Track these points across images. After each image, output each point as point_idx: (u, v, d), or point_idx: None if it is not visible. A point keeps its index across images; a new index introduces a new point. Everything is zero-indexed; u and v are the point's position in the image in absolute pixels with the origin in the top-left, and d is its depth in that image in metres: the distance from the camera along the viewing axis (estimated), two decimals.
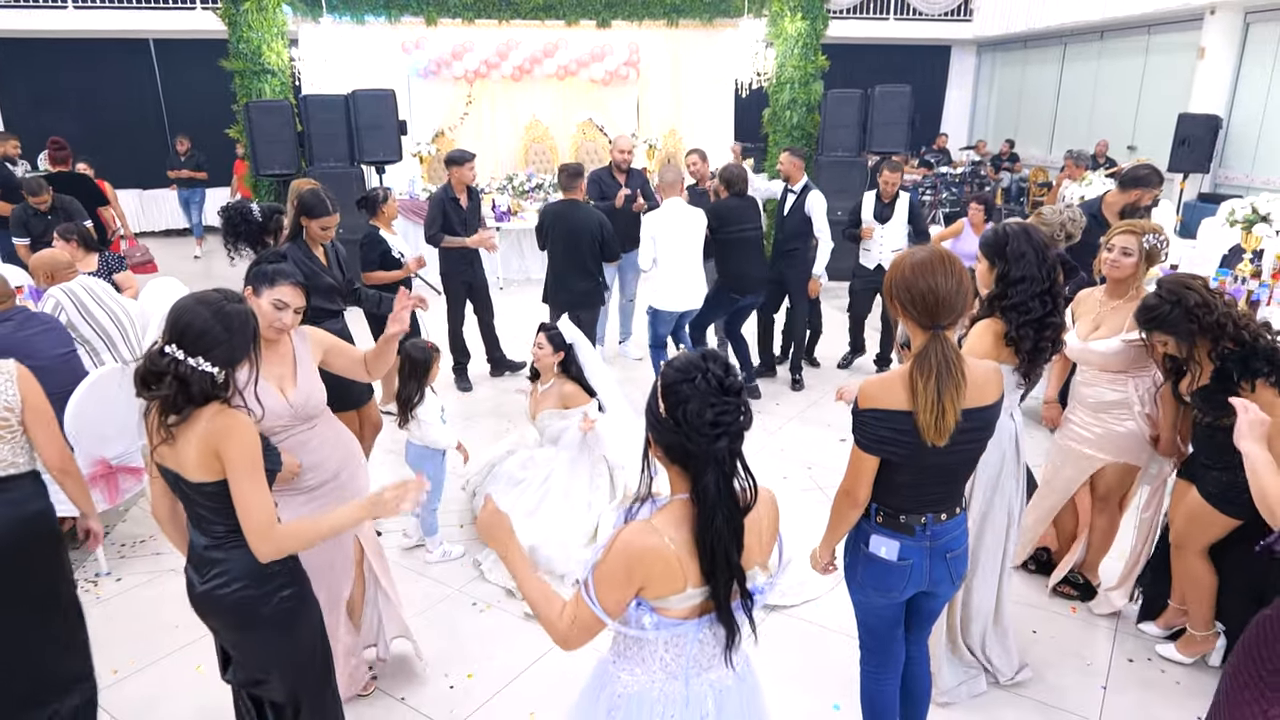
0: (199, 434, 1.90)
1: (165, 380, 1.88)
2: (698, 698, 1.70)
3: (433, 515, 3.85)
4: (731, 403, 1.56)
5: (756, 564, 1.68)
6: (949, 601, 2.86)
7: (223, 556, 2.02)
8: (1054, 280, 2.60)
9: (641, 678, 1.71)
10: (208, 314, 1.91)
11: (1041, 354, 2.62)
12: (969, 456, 2.17)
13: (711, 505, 1.56)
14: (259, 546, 1.95)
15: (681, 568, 1.58)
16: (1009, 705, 2.99)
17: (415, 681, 3.06)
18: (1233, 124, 10.41)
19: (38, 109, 12.06)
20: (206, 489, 1.95)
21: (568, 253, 5.35)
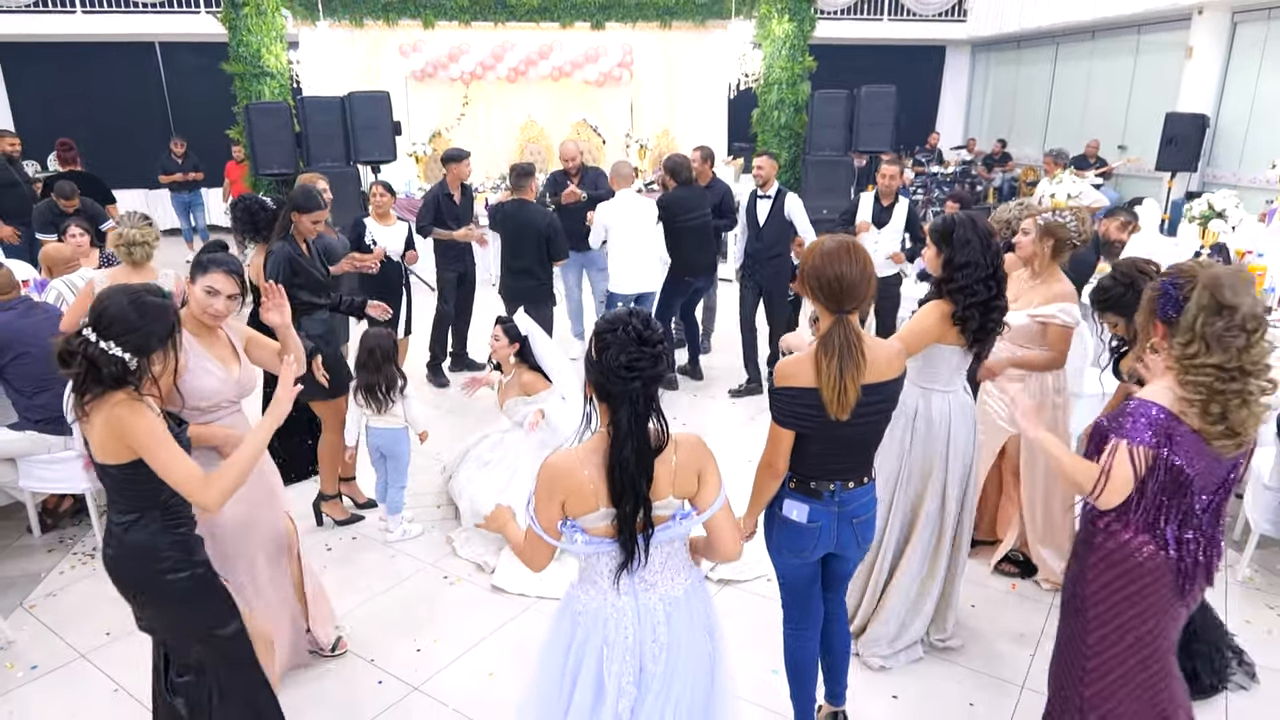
0: (103, 419, 2.03)
1: (76, 359, 2.00)
2: (648, 610, 1.93)
3: (400, 494, 4.07)
4: (646, 352, 1.81)
5: (670, 495, 1.90)
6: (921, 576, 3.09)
7: (120, 533, 2.17)
8: (998, 266, 2.76)
9: (596, 596, 1.96)
10: (125, 301, 2.04)
11: (988, 334, 2.79)
12: (873, 429, 2.36)
13: (623, 436, 1.81)
14: (201, 499, 2.08)
15: (593, 489, 1.83)
16: (942, 671, 3.17)
17: (384, 644, 3.28)
18: (1220, 123, 10.52)
19: (47, 110, 12.36)
20: (110, 470, 2.09)
21: (515, 251, 5.55)
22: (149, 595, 2.23)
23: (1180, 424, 2.05)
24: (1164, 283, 2.11)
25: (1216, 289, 1.99)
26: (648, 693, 1.94)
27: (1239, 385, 1.99)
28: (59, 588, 3.68)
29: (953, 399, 2.96)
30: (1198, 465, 2.07)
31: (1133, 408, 2.08)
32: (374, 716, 2.92)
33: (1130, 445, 2.04)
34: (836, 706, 2.78)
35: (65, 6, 11.61)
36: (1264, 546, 3.82)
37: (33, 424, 3.79)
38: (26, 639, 3.32)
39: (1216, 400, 2.00)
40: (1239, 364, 1.99)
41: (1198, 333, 2.00)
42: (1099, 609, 2.23)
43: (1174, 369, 2.07)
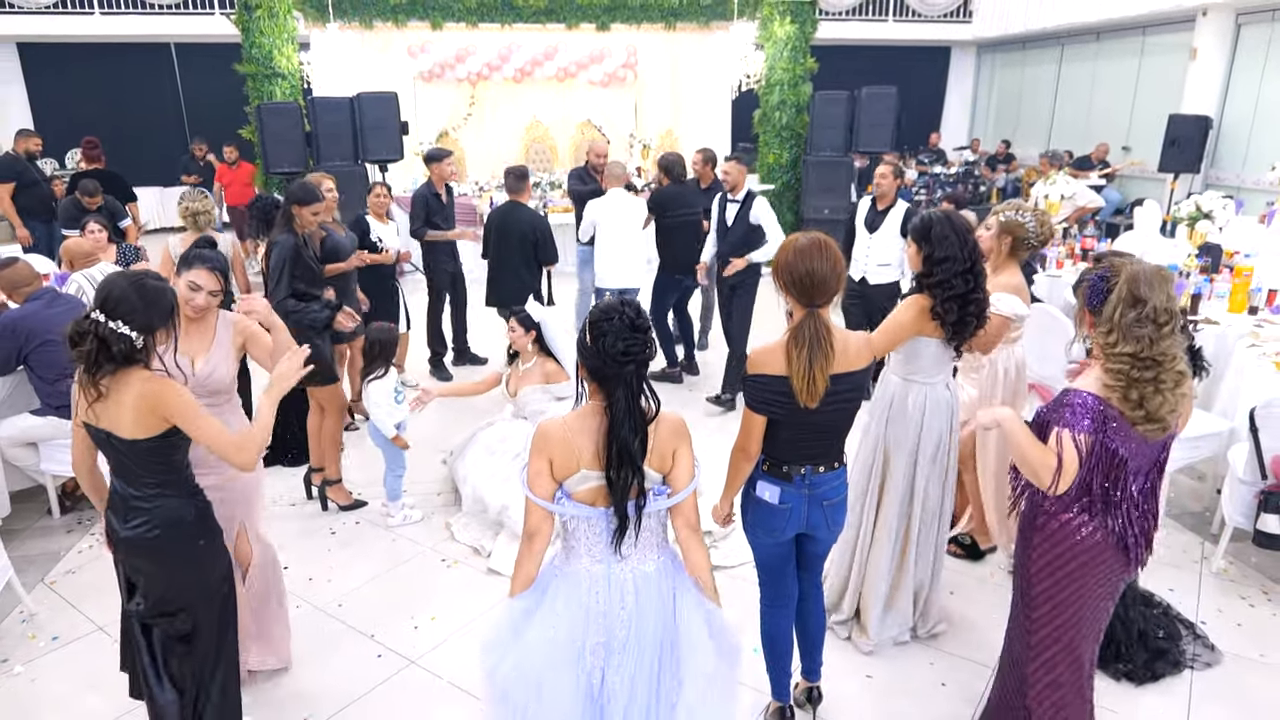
0: (134, 397, 2.17)
1: (87, 339, 2.14)
2: (618, 580, 2.09)
3: (398, 482, 4.25)
4: (639, 338, 1.98)
5: (649, 467, 2.05)
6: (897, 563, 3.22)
7: (147, 506, 2.30)
8: (975, 260, 2.88)
9: (573, 562, 2.12)
10: (127, 285, 2.19)
11: (966, 326, 2.90)
12: (842, 416, 2.50)
13: (621, 416, 1.98)
14: (236, 459, 2.29)
15: (575, 450, 2.01)
16: (917, 653, 3.31)
17: (383, 622, 3.45)
18: (1224, 124, 10.55)
19: (65, 109, 12.62)
20: (140, 445, 2.23)
21: (504, 253, 5.69)
22: (173, 562, 2.38)
23: (1112, 409, 2.19)
24: (1094, 274, 2.25)
25: (1133, 283, 2.13)
26: (618, 657, 2.08)
27: (1151, 374, 2.14)
28: (77, 565, 3.86)
29: (930, 391, 3.07)
30: (1130, 448, 2.21)
31: (1069, 399, 2.22)
32: (373, 687, 3.08)
33: (1073, 434, 2.18)
34: (812, 682, 2.92)
35: (84, 8, 11.86)
36: (1239, 540, 3.91)
37: (54, 409, 3.98)
38: (47, 612, 3.51)
39: (1134, 387, 2.14)
40: (1150, 354, 2.13)
41: (1115, 323, 2.15)
42: (1043, 585, 2.37)
43: (1097, 355, 2.22)
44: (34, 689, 3.07)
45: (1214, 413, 4.48)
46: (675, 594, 2.16)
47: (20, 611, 3.49)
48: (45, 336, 3.90)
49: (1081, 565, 2.31)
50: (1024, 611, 2.46)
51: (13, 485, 4.11)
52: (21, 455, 4.03)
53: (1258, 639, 3.39)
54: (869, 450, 3.21)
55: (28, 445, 4.03)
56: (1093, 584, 2.33)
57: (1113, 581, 2.36)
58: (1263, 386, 4.11)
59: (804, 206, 9.79)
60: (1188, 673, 3.17)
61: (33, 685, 3.09)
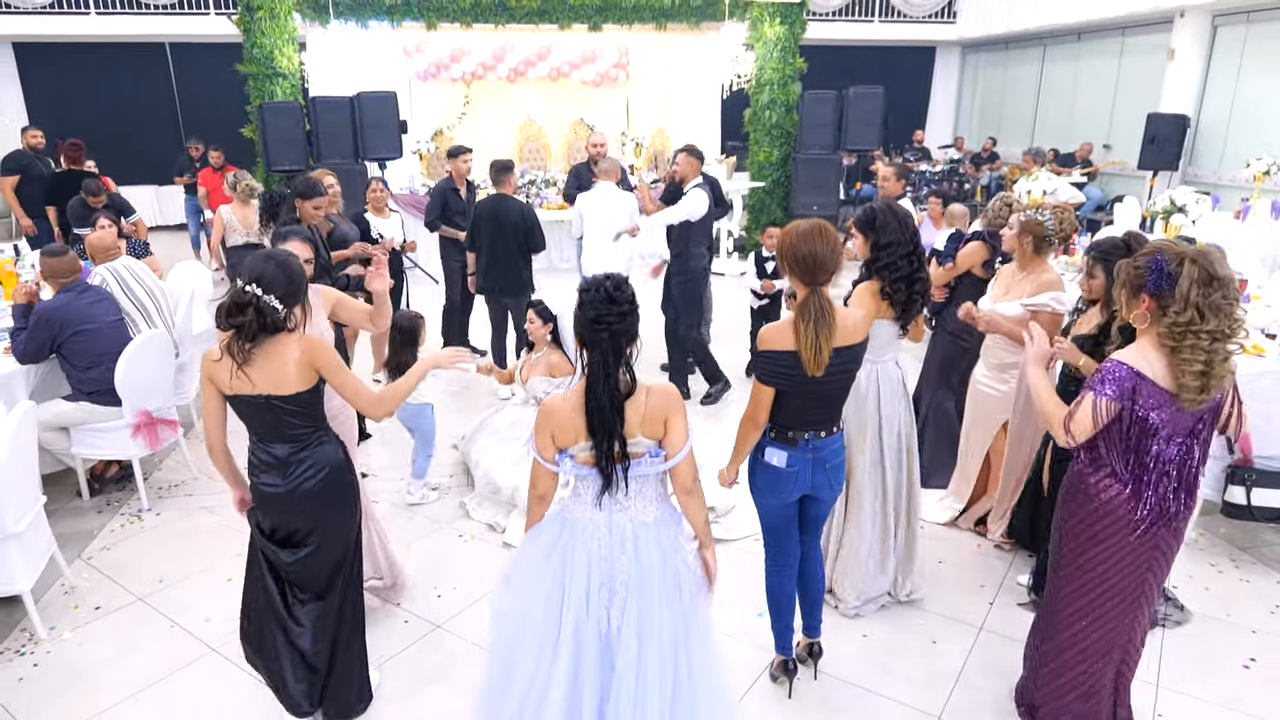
0: (295, 354, 2.46)
1: (248, 310, 2.38)
2: (618, 527, 2.31)
3: (426, 462, 4.46)
4: (614, 309, 2.18)
5: (640, 434, 2.26)
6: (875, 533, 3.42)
7: (307, 455, 2.57)
8: (916, 243, 3.10)
9: (579, 509, 2.35)
10: (276, 266, 2.48)
11: (913, 304, 3.12)
12: (842, 385, 2.74)
13: (594, 377, 2.20)
14: (374, 411, 2.63)
15: (574, 425, 2.23)
16: (909, 614, 3.54)
17: (410, 593, 3.65)
18: (1202, 123, 10.83)
19: (61, 109, 12.68)
20: (301, 397, 2.51)
21: (494, 244, 5.82)
22: (336, 505, 2.64)
23: (1145, 380, 2.32)
24: (1155, 259, 2.31)
25: (1207, 263, 2.26)
26: (623, 596, 2.29)
27: (1221, 345, 2.27)
28: (111, 543, 4.05)
29: (880, 369, 3.27)
30: (1163, 415, 2.34)
31: (1107, 367, 2.38)
32: (404, 648, 3.29)
33: (1096, 398, 2.36)
34: (812, 638, 3.14)
35: (80, 8, 11.93)
36: (1210, 514, 4.15)
37: (85, 395, 4.15)
38: (87, 585, 3.70)
39: (1211, 359, 2.25)
40: (1228, 327, 2.26)
41: (1194, 302, 2.22)
42: (1072, 545, 2.55)
43: (1161, 334, 2.31)
44: (83, 652, 3.26)
45: None
46: (675, 542, 2.38)
47: (62, 584, 3.67)
48: (77, 326, 4.08)
49: (1108, 528, 2.45)
50: (1055, 569, 2.63)
51: (44, 468, 4.24)
52: (53, 439, 4.20)
53: (1224, 601, 3.65)
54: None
55: (59, 430, 4.20)
56: (1120, 547, 2.46)
57: (1146, 550, 2.46)
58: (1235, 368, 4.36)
59: (793, 203, 10.03)
60: (1159, 629, 3.42)
61: (81, 650, 3.28)
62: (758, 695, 3.06)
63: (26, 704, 2.98)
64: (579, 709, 2.31)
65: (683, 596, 2.37)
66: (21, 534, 3.21)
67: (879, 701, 3.03)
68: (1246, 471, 3.89)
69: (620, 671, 2.28)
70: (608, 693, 2.30)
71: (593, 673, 2.31)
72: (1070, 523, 2.56)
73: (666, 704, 2.28)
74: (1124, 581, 2.52)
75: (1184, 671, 3.19)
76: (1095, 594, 2.55)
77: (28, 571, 3.27)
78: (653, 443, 2.28)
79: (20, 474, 3.25)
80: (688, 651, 2.37)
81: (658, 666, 2.30)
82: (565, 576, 2.33)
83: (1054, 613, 2.68)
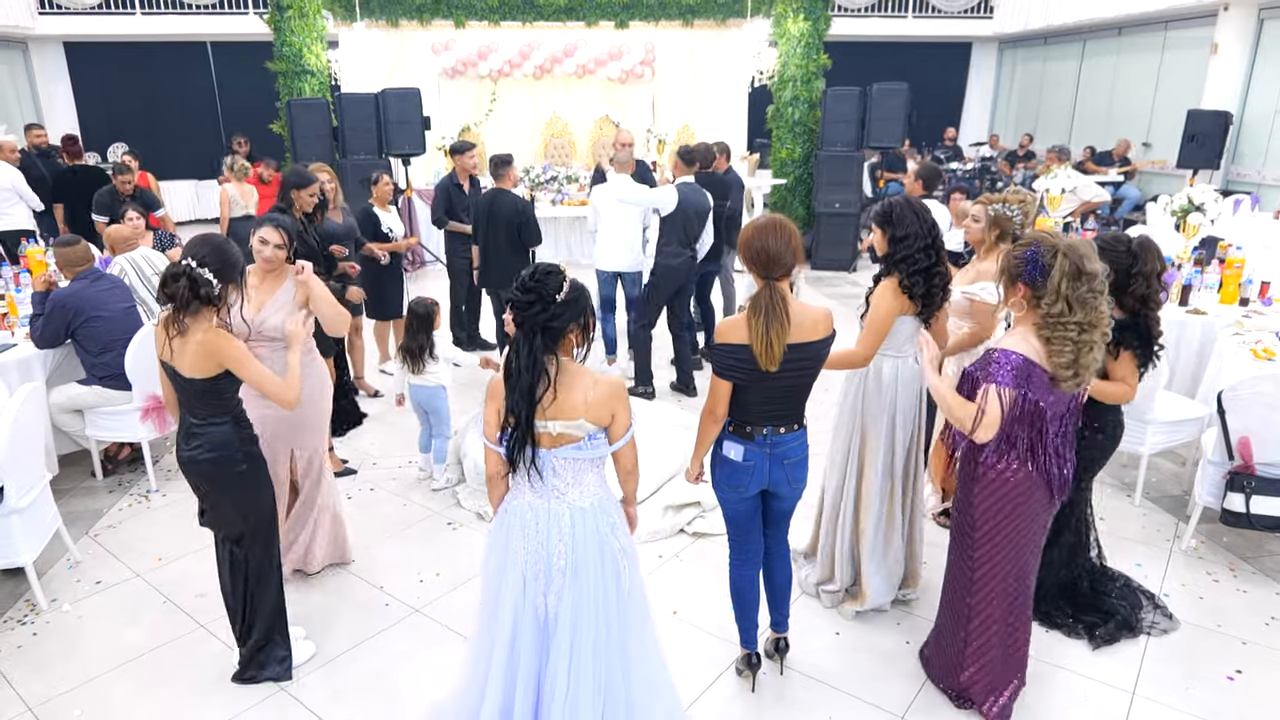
0: (195, 344, 2.65)
1: (181, 279, 2.60)
2: (556, 513, 2.35)
3: (444, 444, 4.60)
4: (521, 298, 2.23)
5: (582, 418, 2.28)
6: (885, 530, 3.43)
7: (201, 431, 2.78)
8: (935, 236, 3.11)
9: (519, 498, 2.40)
10: (213, 246, 2.71)
11: (933, 298, 3.13)
12: (800, 381, 2.74)
13: (510, 363, 2.26)
14: (283, 398, 2.83)
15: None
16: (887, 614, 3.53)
17: (392, 575, 3.75)
18: (1245, 120, 10.52)
19: (107, 106, 13.16)
20: (196, 384, 2.71)
21: (491, 237, 5.90)
22: (219, 481, 2.82)
23: (1035, 367, 2.46)
24: (1031, 250, 2.47)
25: (1075, 257, 2.38)
26: (559, 583, 2.34)
27: (1091, 335, 2.41)
28: (118, 522, 4.22)
29: (901, 365, 3.30)
30: (1048, 399, 2.50)
31: (998, 357, 2.49)
32: (380, 630, 3.38)
33: (998, 388, 2.45)
34: (779, 633, 3.15)
35: (126, 9, 12.35)
36: (1214, 522, 4.04)
37: (97, 379, 4.34)
38: (91, 561, 3.87)
39: (1079, 348, 2.42)
40: (1092, 319, 2.39)
41: (1063, 294, 2.39)
42: (985, 528, 2.67)
43: (1036, 324, 2.47)
44: (81, 624, 3.42)
45: (1197, 399, 4.61)
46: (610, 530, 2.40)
47: (67, 559, 3.85)
48: (91, 313, 4.27)
49: (1015, 505, 2.63)
50: (966, 552, 2.75)
51: (60, 449, 4.49)
52: (68, 421, 4.40)
53: (1216, 611, 3.56)
54: (847, 423, 3.44)
55: (74, 412, 4.39)
56: (1026, 520, 2.65)
57: (1042, 517, 2.69)
58: (1238, 372, 4.25)
59: (815, 201, 9.96)
60: (1144, 637, 3.37)
61: (80, 621, 3.44)
62: (721, 688, 3.08)
63: (22, 670, 3.14)
64: (512, 694, 2.37)
65: (620, 582, 2.41)
66: (25, 509, 3.37)
67: (840, 698, 3.04)
68: (1246, 478, 3.79)
69: (554, 657, 2.33)
70: (544, 678, 2.35)
71: (530, 658, 2.37)
72: (981, 507, 2.67)
73: (601, 690, 2.33)
74: (1030, 552, 2.72)
75: (1163, 681, 3.13)
76: (1009, 567, 2.71)
77: (31, 545, 3.44)
78: (595, 428, 2.32)
79: (24, 451, 3.41)
80: (623, 637, 2.42)
81: (591, 652, 2.34)
82: (505, 562, 2.39)
83: (970, 593, 2.79)
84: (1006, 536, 2.68)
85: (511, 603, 2.36)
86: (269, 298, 3.28)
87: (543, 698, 2.34)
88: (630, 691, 2.40)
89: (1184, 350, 4.97)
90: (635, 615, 2.43)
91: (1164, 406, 4.35)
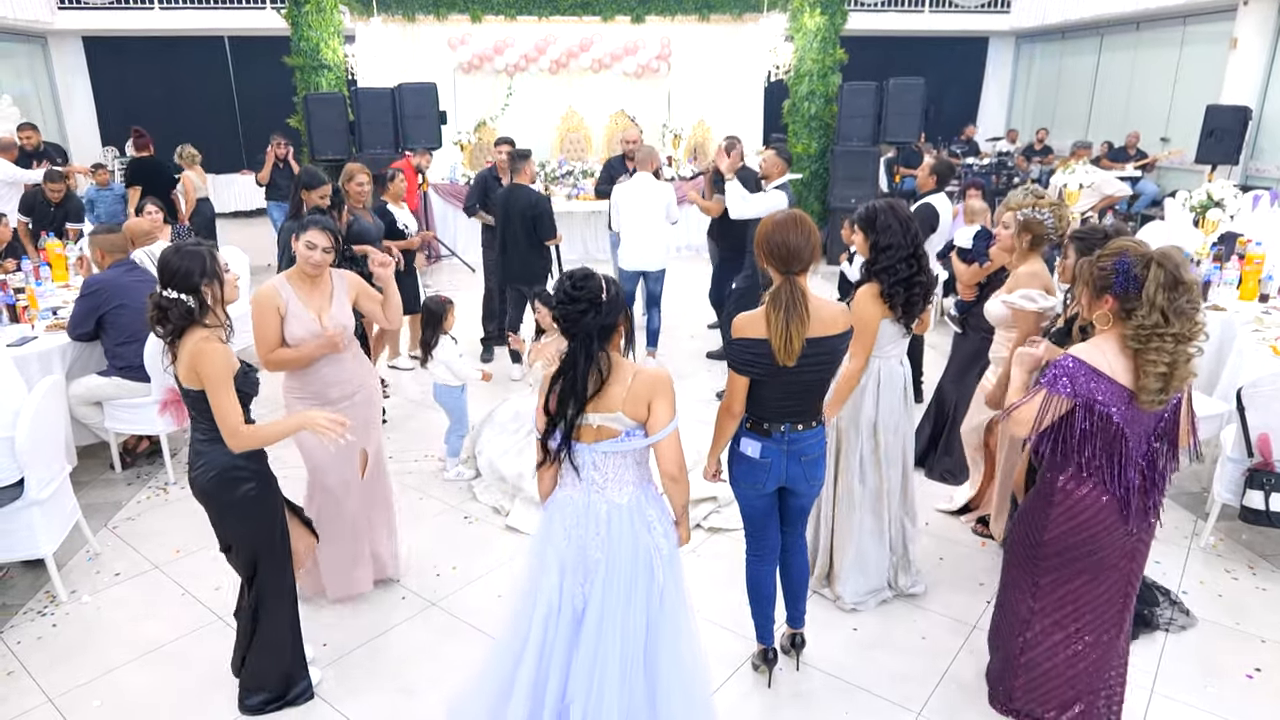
0: (185, 353, 2.51)
1: (151, 309, 2.51)
2: (594, 507, 2.38)
3: (458, 441, 4.64)
4: (572, 307, 2.23)
5: (620, 411, 2.29)
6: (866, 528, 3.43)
7: (205, 450, 2.61)
8: (917, 246, 3.08)
9: (564, 491, 2.43)
10: (170, 254, 2.51)
11: (914, 307, 3.12)
12: (818, 377, 2.73)
13: (566, 365, 2.28)
14: (230, 441, 2.53)
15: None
16: (903, 610, 3.52)
17: (410, 571, 3.76)
18: (1265, 116, 10.41)
19: (126, 99, 13.24)
20: (191, 395, 2.56)
21: (508, 232, 5.92)
22: (224, 503, 2.65)
23: (1101, 377, 2.30)
24: (1122, 260, 2.28)
25: (1172, 266, 2.23)
26: (594, 575, 2.37)
27: (1184, 348, 2.26)
28: (136, 514, 4.26)
29: (884, 365, 3.28)
30: (1123, 413, 2.32)
31: (1061, 363, 2.35)
32: (397, 624, 3.40)
33: (1048, 393, 2.34)
34: (795, 629, 3.15)
35: (144, 3, 12.41)
36: (1230, 519, 4.03)
37: (117, 370, 4.38)
38: (110, 552, 3.91)
39: (1175, 361, 2.25)
40: (1191, 331, 2.25)
41: (1159, 305, 2.21)
42: (1057, 558, 2.51)
43: (1126, 335, 2.29)
44: (100, 616, 3.45)
45: (1216, 396, 4.58)
46: (646, 528, 2.40)
47: (86, 551, 3.88)
48: (120, 300, 4.34)
49: (1094, 534, 2.45)
50: (1028, 580, 2.57)
51: (79, 440, 4.52)
52: (88, 413, 4.43)
53: (1234, 609, 3.54)
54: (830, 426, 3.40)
55: (93, 404, 4.43)
56: (1106, 546, 2.46)
57: (1125, 544, 2.46)
58: (1257, 368, 4.21)
59: (831, 196, 9.92)
60: (1161, 634, 3.34)
61: (99, 613, 3.47)
62: (738, 683, 3.08)
63: (42, 661, 3.18)
64: (544, 684, 2.39)
65: (653, 579, 2.40)
66: (45, 501, 3.41)
67: (858, 694, 3.03)
68: (1266, 476, 3.76)
69: (581, 648, 2.35)
70: (572, 669, 2.37)
71: (562, 648, 2.39)
72: (1054, 531, 2.48)
73: (627, 685, 2.34)
74: (1112, 587, 2.50)
75: (1182, 678, 3.11)
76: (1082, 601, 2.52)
77: (51, 536, 3.47)
78: (633, 423, 2.32)
79: (45, 444, 3.44)
80: (654, 636, 2.41)
81: (619, 647, 2.35)
82: (546, 552, 2.42)
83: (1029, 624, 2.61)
84: (1082, 567, 2.48)
85: (549, 593, 2.40)
86: (325, 300, 3.20)
87: (569, 688, 2.36)
88: (657, 688, 2.40)
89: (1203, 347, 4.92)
90: (668, 613, 2.43)
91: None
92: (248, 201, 13.58)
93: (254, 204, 13.47)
